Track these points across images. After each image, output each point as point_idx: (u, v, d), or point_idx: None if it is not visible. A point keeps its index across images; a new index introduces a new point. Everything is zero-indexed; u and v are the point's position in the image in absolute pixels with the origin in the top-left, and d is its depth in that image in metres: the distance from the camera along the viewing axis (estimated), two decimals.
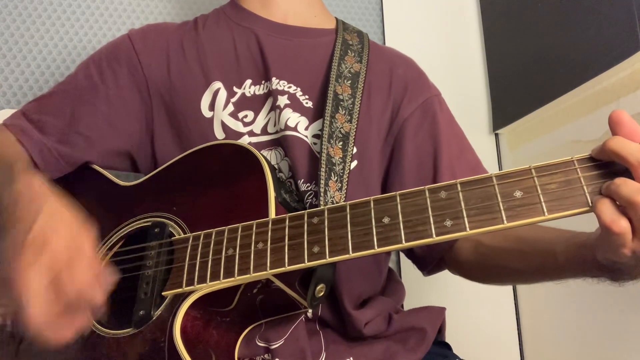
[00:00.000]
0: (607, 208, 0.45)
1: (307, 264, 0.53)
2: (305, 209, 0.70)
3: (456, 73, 1.26)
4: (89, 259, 0.52)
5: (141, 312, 0.59)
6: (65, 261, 0.50)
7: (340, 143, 0.73)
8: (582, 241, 0.54)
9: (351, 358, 0.70)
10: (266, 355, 0.67)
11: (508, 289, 1.19)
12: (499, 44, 1.25)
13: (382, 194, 0.78)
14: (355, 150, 0.74)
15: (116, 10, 1.10)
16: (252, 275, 0.55)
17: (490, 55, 1.28)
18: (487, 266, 0.72)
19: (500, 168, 1.25)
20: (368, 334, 0.72)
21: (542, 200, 0.46)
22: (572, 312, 1.04)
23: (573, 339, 1.04)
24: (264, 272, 0.54)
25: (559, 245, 0.58)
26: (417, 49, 0.88)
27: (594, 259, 0.51)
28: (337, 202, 0.68)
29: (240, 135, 0.75)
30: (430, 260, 0.78)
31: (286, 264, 0.54)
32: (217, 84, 0.78)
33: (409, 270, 1.13)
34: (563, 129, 1.07)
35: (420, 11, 1.29)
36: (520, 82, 1.17)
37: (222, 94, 0.77)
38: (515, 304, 1.19)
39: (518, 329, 1.17)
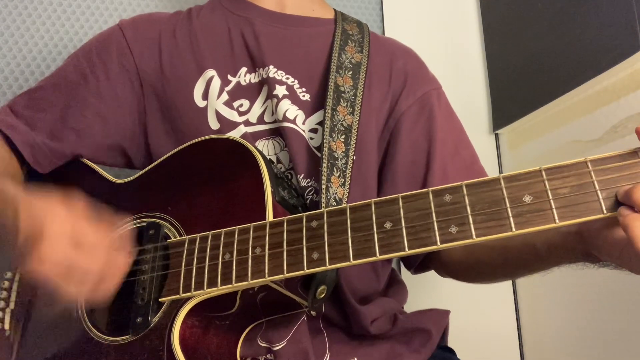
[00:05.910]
0: (639, 224, 0.40)
1: (307, 271, 0.51)
2: (304, 204, 0.68)
3: (456, 73, 1.25)
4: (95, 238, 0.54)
5: (139, 319, 0.57)
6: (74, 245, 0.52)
7: (343, 136, 0.70)
8: (570, 230, 0.51)
9: (355, 358, 0.69)
10: (268, 356, 0.65)
11: (508, 289, 1.19)
12: (499, 44, 1.24)
13: (376, 190, 0.76)
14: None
15: (104, 2, 1.07)
16: (250, 282, 0.53)
17: (490, 55, 1.27)
18: (471, 264, 0.71)
19: (500, 168, 1.25)
20: (374, 332, 0.70)
21: (552, 206, 0.44)
22: (572, 312, 1.04)
23: (573, 339, 1.03)
24: (262, 280, 0.53)
25: (539, 236, 0.56)
26: (417, 49, 0.87)
27: (586, 251, 0.50)
28: (340, 199, 0.66)
29: (235, 125, 0.72)
30: (413, 260, 0.77)
31: (285, 271, 0.52)
32: (211, 72, 0.75)
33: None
34: (563, 129, 1.06)
35: (420, 12, 1.28)
36: (520, 82, 1.16)
37: (216, 83, 0.74)
38: (515, 303, 1.18)
39: (518, 329, 1.17)
